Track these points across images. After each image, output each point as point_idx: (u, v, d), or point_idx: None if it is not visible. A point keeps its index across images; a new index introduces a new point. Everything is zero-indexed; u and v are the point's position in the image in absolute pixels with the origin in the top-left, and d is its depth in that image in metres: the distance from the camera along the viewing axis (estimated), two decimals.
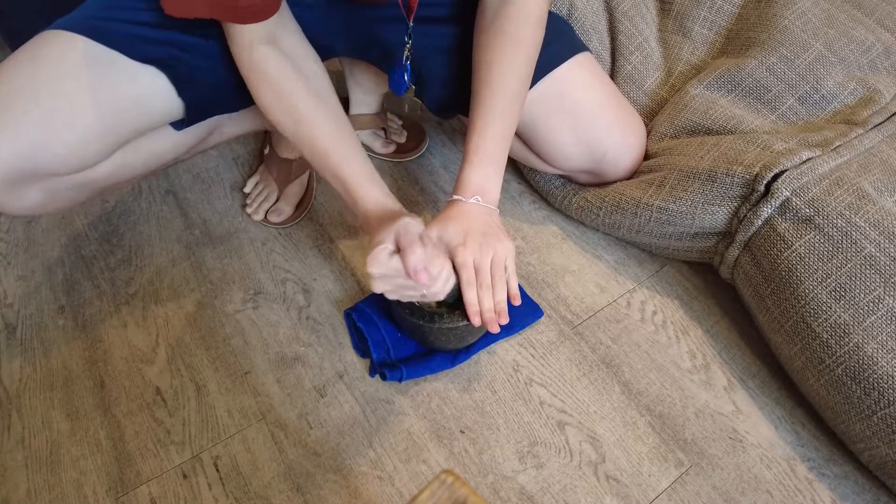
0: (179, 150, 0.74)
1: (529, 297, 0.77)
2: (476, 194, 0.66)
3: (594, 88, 0.77)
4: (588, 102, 0.76)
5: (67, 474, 0.65)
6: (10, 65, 0.58)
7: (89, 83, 0.59)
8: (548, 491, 0.63)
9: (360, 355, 0.74)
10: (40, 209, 0.64)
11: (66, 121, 0.58)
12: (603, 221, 0.82)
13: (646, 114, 0.86)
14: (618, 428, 0.68)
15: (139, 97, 0.63)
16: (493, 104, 0.67)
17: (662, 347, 0.75)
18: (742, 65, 0.78)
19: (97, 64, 0.59)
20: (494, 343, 0.75)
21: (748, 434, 0.67)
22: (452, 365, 0.72)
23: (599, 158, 0.79)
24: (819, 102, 0.76)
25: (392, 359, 0.71)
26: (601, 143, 0.78)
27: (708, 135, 0.76)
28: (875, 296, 0.58)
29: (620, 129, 0.78)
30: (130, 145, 0.66)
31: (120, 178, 0.69)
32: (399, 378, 0.70)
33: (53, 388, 0.72)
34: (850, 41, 0.79)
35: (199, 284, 0.82)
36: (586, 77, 0.77)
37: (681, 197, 0.71)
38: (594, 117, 0.77)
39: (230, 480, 0.64)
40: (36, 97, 0.57)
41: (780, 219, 0.65)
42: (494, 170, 0.67)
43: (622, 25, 0.89)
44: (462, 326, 0.65)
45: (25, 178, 0.58)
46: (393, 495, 0.63)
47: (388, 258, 0.57)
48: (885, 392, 0.57)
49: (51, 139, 0.57)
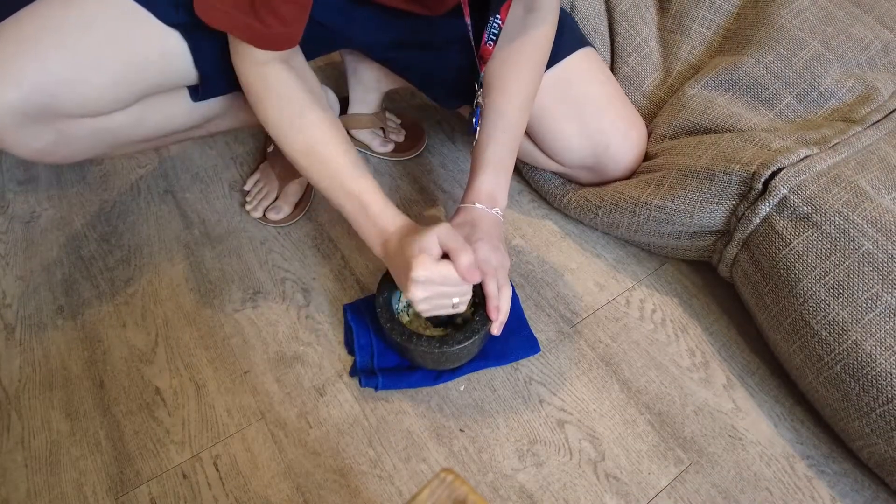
0: (194, 117, 0.73)
1: (531, 331, 0.75)
2: (487, 201, 0.68)
3: (600, 82, 0.79)
4: (594, 94, 0.78)
5: (67, 474, 0.65)
6: (43, 5, 0.58)
7: (118, 33, 0.59)
8: (547, 489, 0.63)
9: (348, 352, 0.74)
10: (50, 154, 0.63)
11: (94, 63, 0.58)
12: (602, 220, 0.82)
13: (644, 115, 0.86)
14: (617, 426, 0.68)
15: (164, 55, 0.63)
16: (507, 111, 0.69)
17: (661, 345, 0.75)
18: (739, 63, 0.78)
19: (127, 16, 0.60)
20: (483, 371, 0.72)
21: (747, 432, 0.67)
22: (435, 383, 0.70)
23: (601, 152, 0.79)
24: (817, 100, 0.76)
25: (374, 366, 0.71)
26: (604, 135, 0.78)
27: (706, 134, 0.77)
28: (873, 293, 0.58)
29: (624, 124, 0.79)
30: (149, 101, 0.66)
31: (133, 133, 0.68)
32: (374, 387, 0.69)
33: (53, 388, 0.72)
34: (847, 38, 0.79)
35: (199, 284, 0.82)
36: (593, 70, 0.79)
37: (679, 196, 0.71)
38: (599, 109, 0.78)
39: (230, 480, 0.64)
40: (67, 36, 0.57)
41: (778, 216, 0.65)
42: (505, 178, 0.70)
43: (620, 27, 0.89)
44: (437, 352, 0.64)
45: (45, 115, 0.58)
46: (393, 494, 0.63)
47: (434, 263, 0.57)
48: (883, 389, 0.57)
49: (77, 78, 0.57)
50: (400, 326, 0.66)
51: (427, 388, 0.70)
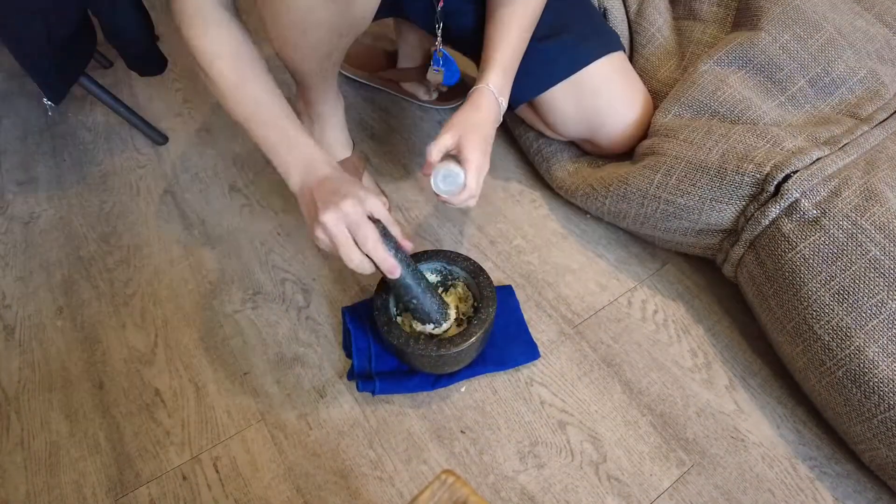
0: None
1: (531, 336, 0.74)
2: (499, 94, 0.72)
3: (613, 80, 0.83)
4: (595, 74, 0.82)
5: (67, 476, 0.65)
6: None
7: None
8: (549, 491, 0.63)
9: (346, 355, 0.74)
10: None
11: None
12: (609, 209, 0.82)
13: (659, 100, 0.87)
14: (619, 427, 0.68)
15: None
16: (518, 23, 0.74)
17: (664, 346, 0.75)
18: (755, 39, 0.78)
19: None
20: (482, 375, 0.71)
21: (750, 433, 0.67)
22: (433, 388, 0.69)
23: (597, 129, 0.84)
24: (828, 86, 0.76)
25: (371, 370, 0.70)
26: (599, 115, 0.83)
27: (713, 118, 0.76)
28: (878, 299, 0.58)
29: (621, 103, 0.83)
30: None
31: None
32: (372, 391, 0.69)
33: (52, 389, 0.72)
34: (854, 29, 0.78)
35: (198, 285, 0.82)
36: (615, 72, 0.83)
37: (688, 191, 0.71)
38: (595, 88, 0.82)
39: (230, 482, 0.64)
40: None
41: (785, 219, 0.64)
42: (511, 77, 0.75)
43: (635, 25, 0.92)
44: (435, 355, 0.64)
45: None
46: (393, 496, 0.63)
47: None
48: (885, 396, 0.56)
49: None
50: (398, 329, 0.65)
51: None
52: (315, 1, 0.57)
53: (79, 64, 0.91)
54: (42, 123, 1.09)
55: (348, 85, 1.14)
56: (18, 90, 1.17)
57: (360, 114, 1.08)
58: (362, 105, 1.10)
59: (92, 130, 1.07)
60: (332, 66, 0.74)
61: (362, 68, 1.13)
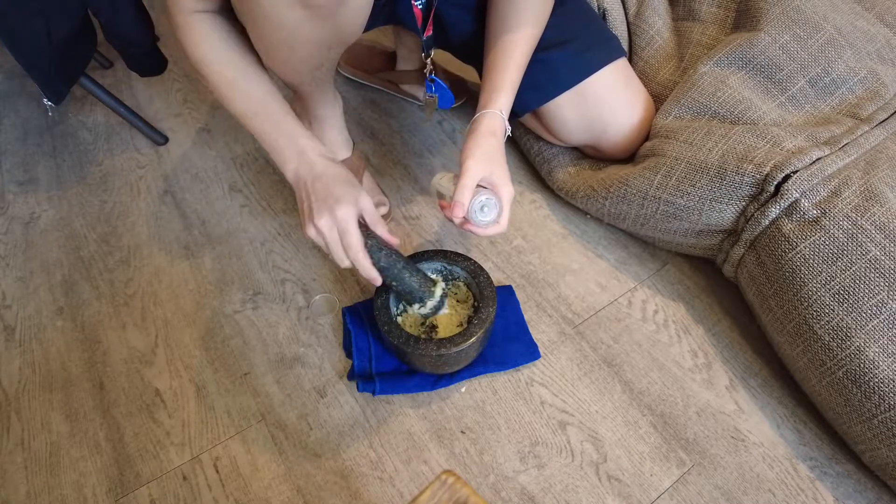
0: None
1: (531, 337, 0.75)
2: (505, 114, 0.71)
3: (615, 87, 0.83)
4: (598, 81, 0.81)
5: (67, 476, 0.65)
6: None
7: None
8: (549, 491, 0.63)
9: (346, 355, 0.74)
10: None
11: None
12: (609, 211, 0.82)
13: (659, 102, 0.87)
14: (619, 428, 0.68)
15: None
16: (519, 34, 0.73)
17: (664, 346, 0.75)
18: (755, 40, 0.78)
19: None
20: (482, 375, 0.72)
21: (750, 433, 0.67)
22: (433, 388, 0.69)
23: (599, 135, 0.84)
24: (829, 86, 0.76)
25: (371, 370, 0.70)
26: (602, 122, 0.82)
27: (713, 118, 0.76)
28: (878, 300, 0.58)
29: (623, 110, 0.82)
30: None
31: None
32: (372, 392, 0.69)
33: (52, 389, 0.72)
34: (854, 29, 0.78)
35: (198, 285, 0.82)
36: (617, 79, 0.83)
37: (688, 192, 0.71)
38: (599, 97, 0.81)
39: (230, 482, 0.64)
40: None
41: (786, 220, 0.64)
42: (514, 93, 0.73)
43: (634, 27, 0.92)
44: (435, 355, 0.64)
45: None
46: (394, 496, 0.63)
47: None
48: (885, 396, 0.56)
49: None
50: (398, 329, 0.65)
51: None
52: (302, 19, 0.57)
53: (79, 64, 0.91)
54: (42, 123, 1.09)
55: (348, 85, 1.14)
56: (18, 90, 1.17)
57: (360, 114, 1.09)
58: (362, 105, 1.10)
59: (92, 131, 1.07)
60: (324, 74, 0.74)
61: (362, 69, 1.13)
